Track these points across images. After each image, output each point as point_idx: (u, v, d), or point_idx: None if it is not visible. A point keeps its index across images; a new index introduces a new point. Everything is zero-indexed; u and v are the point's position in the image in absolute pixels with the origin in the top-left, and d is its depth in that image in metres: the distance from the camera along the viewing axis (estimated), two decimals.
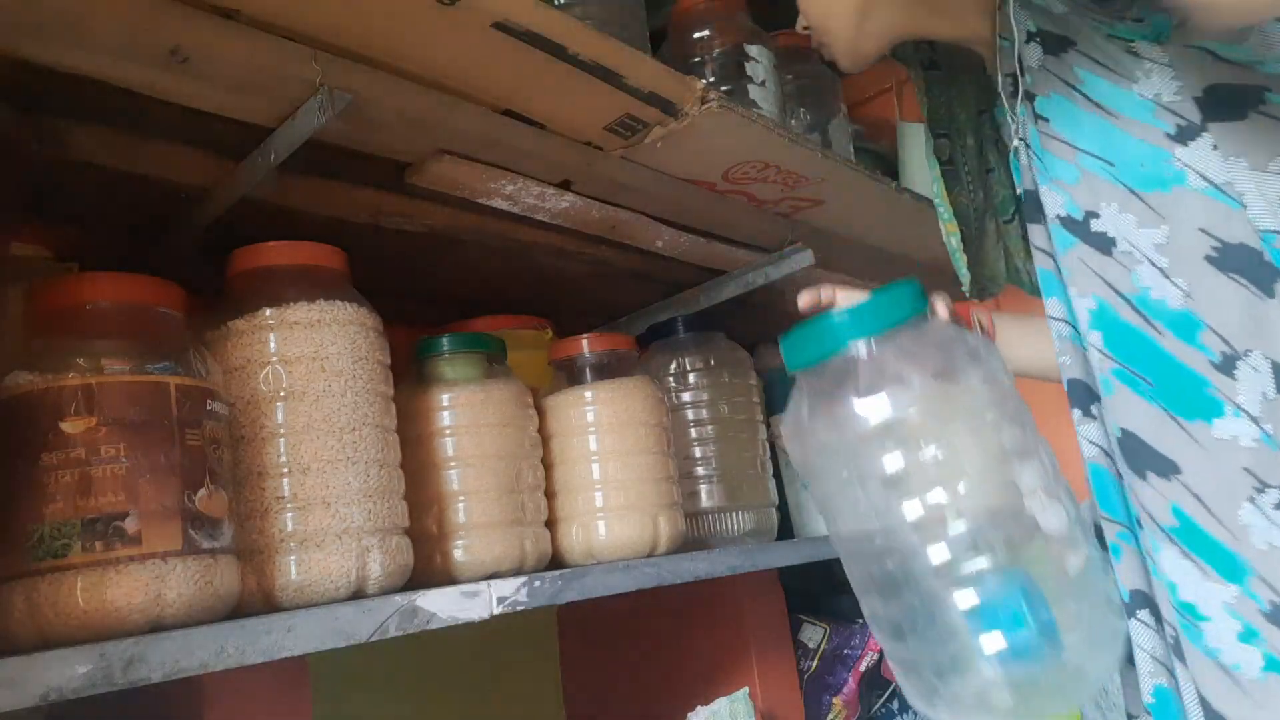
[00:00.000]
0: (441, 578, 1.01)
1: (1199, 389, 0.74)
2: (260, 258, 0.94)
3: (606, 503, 1.14)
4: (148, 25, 0.74)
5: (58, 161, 0.88)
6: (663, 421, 1.22)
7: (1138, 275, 0.76)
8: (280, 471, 0.85)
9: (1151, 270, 0.76)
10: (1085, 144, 0.79)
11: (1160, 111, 0.75)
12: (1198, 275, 0.74)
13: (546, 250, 1.31)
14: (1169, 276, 0.75)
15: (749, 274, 1.46)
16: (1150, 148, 0.75)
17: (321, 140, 0.90)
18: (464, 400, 1.06)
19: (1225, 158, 0.72)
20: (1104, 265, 0.78)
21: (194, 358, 0.79)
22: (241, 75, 0.82)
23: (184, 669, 0.66)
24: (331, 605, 0.81)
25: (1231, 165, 0.72)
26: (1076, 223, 0.79)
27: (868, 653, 1.51)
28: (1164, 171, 0.74)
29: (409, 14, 0.81)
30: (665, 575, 1.08)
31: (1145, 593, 0.82)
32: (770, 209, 1.36)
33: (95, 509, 0.69)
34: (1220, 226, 0.73)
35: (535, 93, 0.97)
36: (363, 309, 0.94)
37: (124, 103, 0.82)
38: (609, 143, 1.09)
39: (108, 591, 0.67)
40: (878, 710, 1.60)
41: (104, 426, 0.70)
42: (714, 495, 1.39)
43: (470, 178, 1.05)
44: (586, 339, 1.23)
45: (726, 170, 1.22)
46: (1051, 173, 0.81)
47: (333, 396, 0.88)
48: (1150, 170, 0.75)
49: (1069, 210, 0.80)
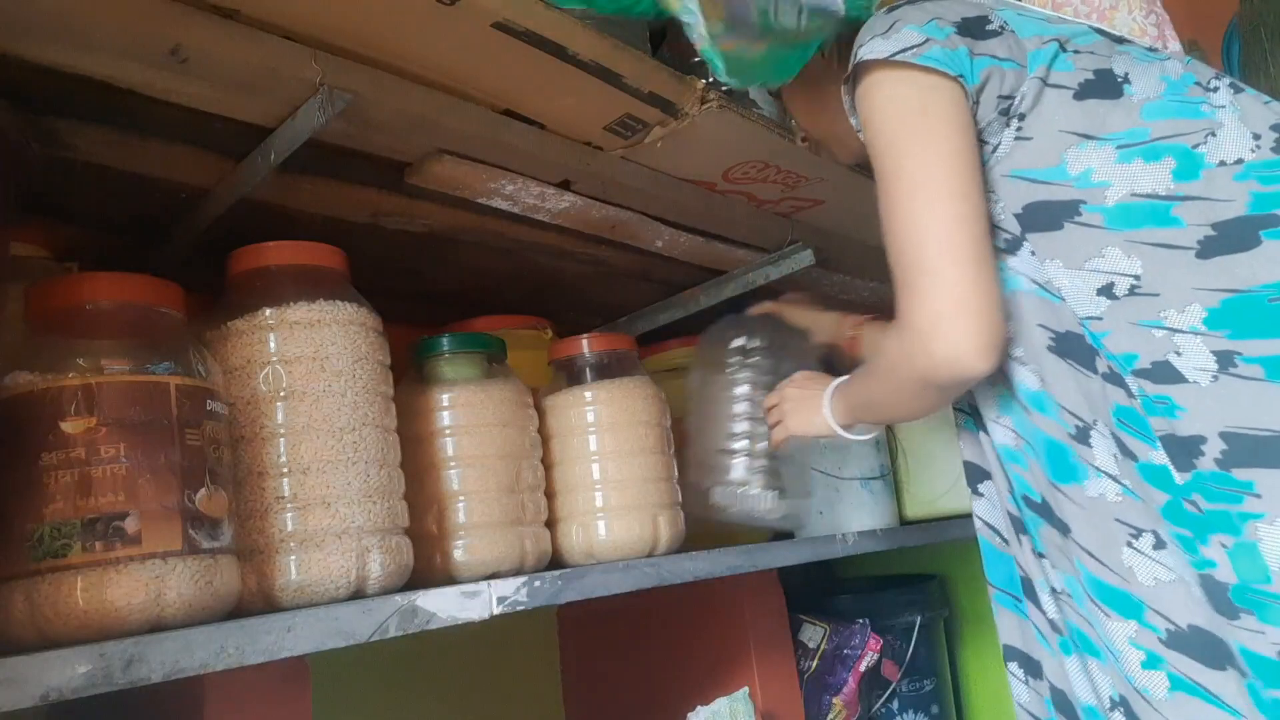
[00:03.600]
0: (441, 578, 1.01)
1: (1065, 457, 0.86)
2: (260, 258, 0.94)
3: (606, 503, 1.14)
4: (148, 25, 0.74)
5: (58, 161, 0.88)
6: (663, 421, 1.22)
7: (1011, 368, 0.89)
8: (280, 471, 0.85)
9: (1012, 363, 0.88)
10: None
11: (993, 230, 0.86)
12: (1045, 363, 0.86)
13: (546, 250, 1.31)
14: (1025, 364, 0.87)
15: (749, 274, 1.46)
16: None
17: (321, 140, 0.90)
18: (464, 400, 1.06)
19: (1042, 261, 0.84)
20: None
21: (194, 358, 0.79)
22: (241, 75, 0.82)
23: (184, 669, 0.66)
24: (331, 605, 0.81)
25: (1048, 267, 0.84)
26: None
27: (868, 653, 1.51)
28: (1004, 277, 0.86)
29: (409, 14, 0.81)
30: (665, 575, 1.08)
31: (1016, 647, 1.02)
32: (770, 209, 1.36)
33: (95, 509, 0.69)
34: (1051, 319, 0.84)
35: (535, 93, 0.97)
36: (363, 309, 0.94)
37: (124, 103, 0.82)
38: (609, 143, 1.09)
39: (108, 591, 0.67)
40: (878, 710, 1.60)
41: (104, 426, 0.70)
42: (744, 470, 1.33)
43: (470, 178, 1.05)
44: (586, 339, 1.23)
45: (726, 170, 1.22)
46: None
47: (333, 396, 0.88)
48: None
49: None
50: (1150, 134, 0.81)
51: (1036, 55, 0.85)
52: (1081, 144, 0.83)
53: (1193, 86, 0.83)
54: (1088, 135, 0.83)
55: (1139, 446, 0.80)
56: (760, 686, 1.33)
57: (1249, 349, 0.76)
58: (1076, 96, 0.84)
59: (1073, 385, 0.84)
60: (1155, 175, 0.80)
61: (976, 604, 1.86)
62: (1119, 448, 0.82)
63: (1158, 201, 0.79)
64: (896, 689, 1.63)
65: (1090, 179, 0.82)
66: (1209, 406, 0.77)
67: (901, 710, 1.64)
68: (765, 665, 1.36)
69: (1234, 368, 0.76)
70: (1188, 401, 0.78)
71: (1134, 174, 0.81)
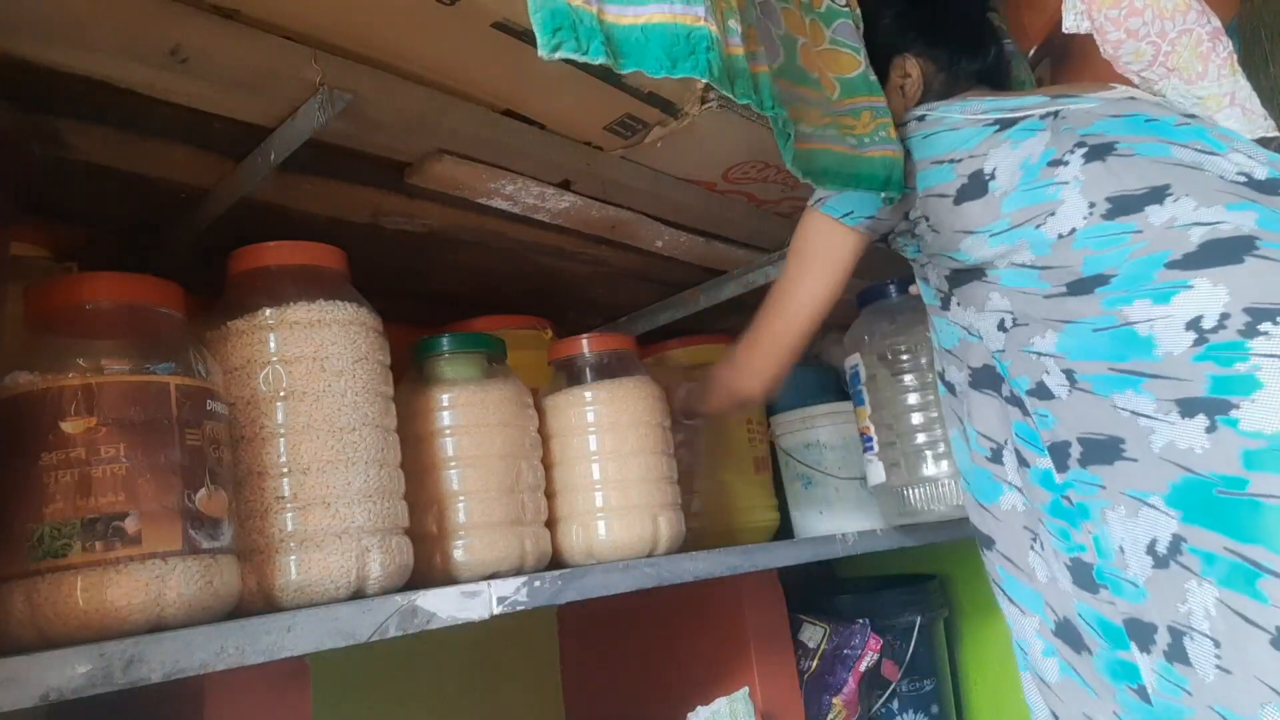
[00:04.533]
0: (441, 578, 1.01)
1: (987, 479, 1.07)
2: (260, 258, 0.94)
3: (606, 503, 1.14)
4: (148, 25, 0.74)
5: (58, 161, 0.88)
6: (663, 421, 1.22)
7: (958, 407, 1.11)
8: (280, 471, 0.85)
9: (958, 401, 1.11)
10: (932, 335, 1.18)
11: (936, 293, 1.13)
12: (971, 398, 1.08)
13: (546, 250, 1.31)
14: (964, 402, 1.09)
15: (749, 274, 1.46)
16: (940, 319, 1.13)
17: (321, 140, 0.90)
18: (464, 400, 1.06)
19: (964, 308, 1.07)
20: (951, 404, 1.14)
21: (194, 358, 0.79)
22: (241, 75, 0.82)
23: (184, 669, 0.66)
24: (331, 605, 0.81)
25: (969, 313, 1.07)
26: (943, 380, 1.17)
27: (867, 653, 1.51)
28: (949, 332, 1.11)
29: (409, 14, 0.81)
30: (665, 575, 1.08)
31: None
32: (770, 209, 1.36)
33: (95, 509, 0.69)
34: (974, 357, 1.07)
35: (535, 93, 0.97)
36: (363, 309, 0.94)
37: (124, 103, 0.82)
38: (609, 143, 1.09)
39: (108, 591, 0.67)
40: (878, 710, 1.60)
41: (104, 426, 0.70)
42: (939, 464, 1.34)
43: (470, 178, 1.05)
44: (586, 339, 1.23)
45: (726, 170, 1.22)
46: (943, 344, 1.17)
47: (333, 396, 0.88)
48: (944, 334, 1.13)
49: (944, 377, 1.17)
50: (1009, 223, 0.99)
51: (925, 177, 1.06)
52: (967, 238, 1.03)
53: (1045, 168, 0.97)
54: (968, 231, 1.02)
55: (1031, 455, 0.99)
56: (760, 686, 1.33)
57: (1082, 368, 0.92)
58: (955, 203, 1.03)
59: (989, 412, 1.05)
60: (1019, 253, 0.98)
61: (976, 604, 1.86)
62: (1018, 460, 1.01)
63: (1027, 269, 0.98)
64: (896, 689, 1.63)
65: (978, 259, 1.03)
66: (1067, 416, 0.94)
67: (901, 710, 1.64)
68: (765, 665, 1.35)
69: (1076, 384, 0.93)
70: (1057, 412, 0.95)
71: (1005, 253, 1.00)
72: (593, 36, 0.67)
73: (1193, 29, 1.12)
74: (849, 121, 0.98)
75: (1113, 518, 0.90)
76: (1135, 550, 0.88)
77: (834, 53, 1.00)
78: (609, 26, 0.68)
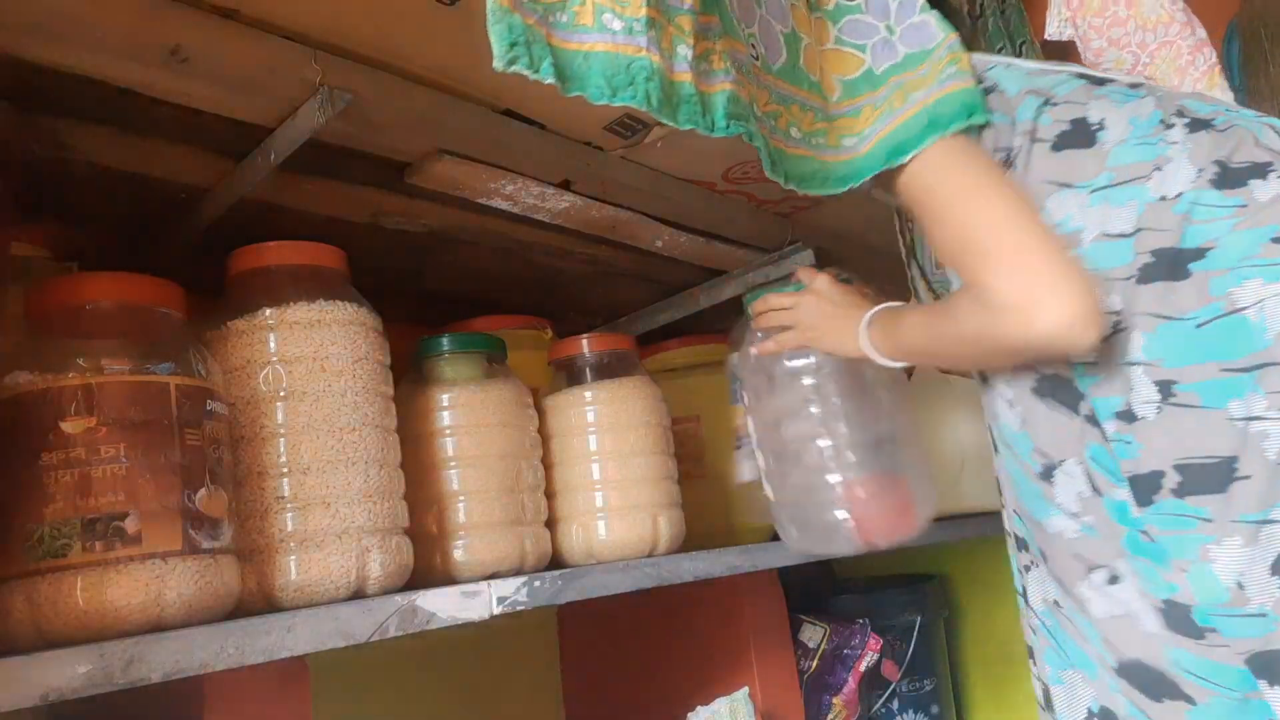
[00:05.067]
0: (441, 578, 1.01)
1: (1036, 495, 0.92)
2: (260, 258, 0.94)
3: (606, 503, 1.14)
4: (148, 25, 0.74)
5: (58, 161, 0.88)
6: (663, 421, 1.22)
7: (998, 410, 0.95)
8: (280, 471, 0.85)
9: (1003, 403, 0.94)
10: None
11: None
12: (1028, 404, 0.91)
13: (546, 250, 1.31)
14: (1013, 407, 0.93)
15: (749, 274, 1.46)
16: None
17: (321, 140, 0.90)
18: (464, 400, 1.06)
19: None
20: (980, 394, 0.99)
21: (194, 358, 0.79)
22: (241, 75, 0.82)
23: (184, 669, 0.66)
24: (331, 605, 0.81)
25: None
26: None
27: (867, 653, 1.51)
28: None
29: (409, 14, 0.81)
30: (665, 575, 1.08)
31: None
32: (770, 209, 1.36)
33: (95, 509, 0.69)
34: (1039, 360, 0.88)
35: (535, 93, 0.97)
36: (363, 309, 0.94)
37: (124, 103, 0.82)
38: (609, 142, 1.09)
39: (108, 591, 0.67)
40: (877, 710, 1.60)
41: (104, 426, 0.70)
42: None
43: (470, 178, 1.05)
44: (586, 339, 1.23)
45: (726, 170, 1.22)
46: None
47: (333, 396, 0.88)
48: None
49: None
50: (1115, 178, 0.85)
51: (1022, 110, 0.92)
52: (1060, 192, 0.87)
53: (1157, 126, 0.87)
54: (1064, 184, 0.87)
55: (1105, 484, 0.85)
56: (760, 686, 1.33)
57: (1184, 376, 0.79)
58: (1054, 148, 0.89)
59: (1049, 426, 0.89)
60: (1122, 216, 0.84)
61: (976, 604, 1.86)
62: (1090, 485, 0.86)
63: (1123, 240, 0.84)
64: (896, 689, 1.63)
65: (1068, 224, 0.87)
66: (1159, 441, 0.80)
67: (901, 710, 1.64)
68: (765, 665, 1.35)
69: (1173, 397, 0.79)
70: (1142, 437, 0.81)
71: (1103, 216, 0.85)
72: (544, 56, 0.70)
73: (1174, 41, 1.12)
74: (848, 122, 0.98)
75: (1219, 553, 0.78)
76: (1259, 578, 0.76)
77: (838, 53, 0.99)
78: (556, 50, 0.71)
